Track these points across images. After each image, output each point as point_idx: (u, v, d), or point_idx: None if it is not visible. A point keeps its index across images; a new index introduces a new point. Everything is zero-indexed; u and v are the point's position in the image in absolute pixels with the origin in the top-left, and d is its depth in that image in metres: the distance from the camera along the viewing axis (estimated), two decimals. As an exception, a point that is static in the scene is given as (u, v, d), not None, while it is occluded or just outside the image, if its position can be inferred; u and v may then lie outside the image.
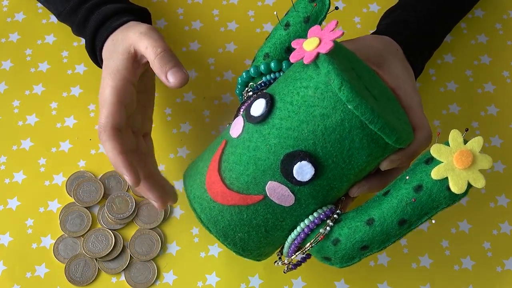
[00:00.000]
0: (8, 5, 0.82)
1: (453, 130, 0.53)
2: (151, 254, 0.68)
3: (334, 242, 0.56)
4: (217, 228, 0.58)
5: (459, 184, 0.52)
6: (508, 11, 0.82)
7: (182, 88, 0.77)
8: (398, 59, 0.65)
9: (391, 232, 0.55)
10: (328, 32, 0.55)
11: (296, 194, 0.56)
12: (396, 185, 0.55)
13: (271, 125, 0.55)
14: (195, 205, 0.58)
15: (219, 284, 0.68)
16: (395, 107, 0.60)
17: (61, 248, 0.69)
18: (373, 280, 0.68)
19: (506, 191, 0.72)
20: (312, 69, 0.54)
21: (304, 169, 0.54)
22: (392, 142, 0.54)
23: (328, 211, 0.57)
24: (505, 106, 0.77)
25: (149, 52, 0.62)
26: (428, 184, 0.53)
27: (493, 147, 0.74)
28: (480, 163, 0.53)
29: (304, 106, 0.54)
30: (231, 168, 0.57)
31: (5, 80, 0.77)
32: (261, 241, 0.59)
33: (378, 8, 0.82)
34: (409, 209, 0.54)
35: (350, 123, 0.53)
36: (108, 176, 0.72)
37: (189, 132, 0.75)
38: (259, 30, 0.81)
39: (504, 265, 0.69)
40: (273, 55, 0.62)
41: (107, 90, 0.62)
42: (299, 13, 0.61)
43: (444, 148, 0.53)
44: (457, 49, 0.80)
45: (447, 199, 0.53)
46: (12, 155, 0.73)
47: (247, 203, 0.56)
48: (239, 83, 0.64)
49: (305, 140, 0.54)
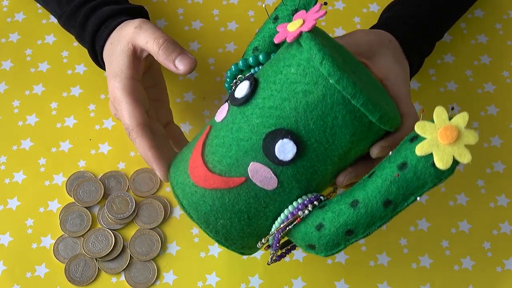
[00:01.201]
0: (8, 5, 0.82)
1: (437, 106, 0.52)
2: (151, 254, 0.68)
3: (318, 227, 0.55)
4: (198, 214, 0.57)
5: (444, 159, 0.50)
6: (508, 11, 0.82)
7: (182, 88, 0.77)
8: (390, 51, 0.64)
9: (376, 214, 0.53)
10: (312, 13, 0.54)
11: (279, 176, 0.55)
12: (381, 165, 0.54)
13: (254, 105, 0.55)
14: (178, 191, 0.58)
15: (219, 284, 0.68)
16: (383, 95, 0.59)
17: (61, 248, 0.69)
18: (373, 280, 0.68)
19: (506, 191, 0.72)
20: (295, 47, 0.54)
21: (286, 147, 0.53)
22: (375, 120, 0.53)
23: (312, 198, 0.56)
24: (505, 106, 0.77)
25: (151, 45, 0.62)
26: (412, 161, 0.51)
27: (493, 147, 0.74)
28: (465, 139, 0.51)
29: (287, 83, 0.54)
30: (214, 151, 0.56)
31: (5, 80, 0.77)
32: (244, 230, 0.57)
33: (378, 8, 0.82)
34: (394, 188, 0.52)
35: (332, 98, 0.52)
36: (108, 176, 0.72)
37: (189, 132, 0.75)
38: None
39: (504, 265, 0.69)
40: (262, 48, 0.62)
41: (118, 92, 0.63)
42: (288, 6, 0.61)
43: (429, 125, 0.51)
44: (457, 49, 0.80)
45: (433, 177, 0.51)
46: (12, 155, 0.73)
47: (229, 186, 0.55)
48: (228, 76, 0.63)
49: (287, 117, 0.53)
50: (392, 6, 0.74)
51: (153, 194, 0.71)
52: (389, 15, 0.72)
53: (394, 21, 0.70)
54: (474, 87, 0.78)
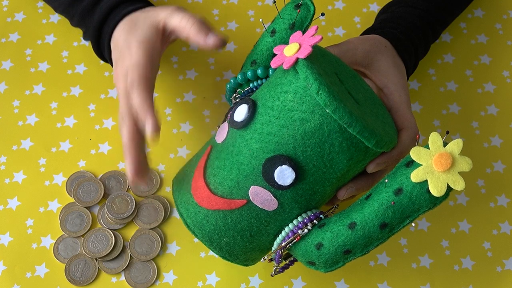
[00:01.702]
0: (8, 5, 0.82)
1: (432, 132, 0.53)
2: (151, 254, 0.68)
3: (318, 246, 0.57)
4: (203, 233, 0.58)
5: (439, 187, 0.52)
6: (508, 11, 0.82)
7: (182, 88, 0.77)
8: (387, 57, 0.65)
9: (373, 235, 0.55)
10: (308, 38, 0.55)
11: (279, 198, 0.56)
12: (377, 188, 0.55)
13: (253, 130, 0.56)
14: (182, 209, 0.59)
15: (219, 284, 0.68)
16: (379, 111, 0.60)
17: (61, 248, 0.69)
18: (373, 280, 0.68)
19: (506, 191, 0.72)
20: (292, 74, 0.55)
21: (285, 173, 0.55)
22: (372, 146, 0.55)
23: (312, 216, 0.58)
24: (505, 106, 0.77)
25: (184, 22, 0.63)
26: (408, 187, 0.53)
27: (493, 147, 0.74)
28: (459, 166, 0.52)
29: (284, 110, 0.55)
30: (215, 173, 0.58)
31: (5, 80, 0.77)
32: (247, 246, 0.59)
33: (378, 8, 0.82)
34: (390, 213, 0.54)
35: (329, 126, 0.54)
36: (108, 176, 0.72)
37: (189, 132, 0.75)
38: (259, 30, 0.81)
39: (504, 265, 0.69)
40: (260, 61, 0.63)
41: (136, 50, 0.62)
42: (285, 20, 0.62)
43: (424, 151, 0.53)
44: (457, 49, 0.80)
45: (428, 202, 0.53)
46: (12, 155, 0.73)
47: (231, 208, 0.57)
48: (228, 90, 0.65)
49: (285, 144, 0.55)
50: (388, 7, 0.74)
51: (153, 194, 0.71)
52: (385, 17, 0.72)
53: (390, 23, 0.70)
54: (474, 87, 0.78)
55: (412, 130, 0.60)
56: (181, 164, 0.73)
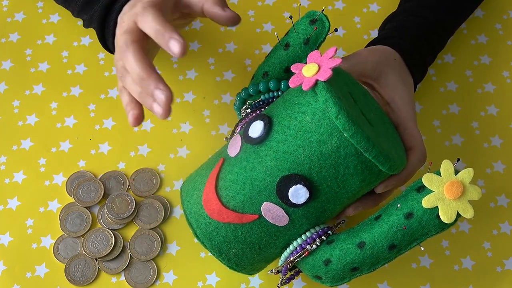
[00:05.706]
0: (8, 5, 0.82)
1: (444, 160, 0.55)
2: (151, 254, 0.68)
3: (326, 262, 0.58)
4: (212, 244, 0.59)
5: (449, 214, 0.54)
6: (508, 11, 0.82)
7: (182, 88, 0.77)
8: (395, 70, 0.65)
9: (381, 255, 0.57)
10: (327, 59, 0.56)
11: (290, 215, 0.57)
12: (388, 210, 0.57)
13: (268, 147, 0.57)
14: (192, 220, 0.59)
15: (219, 284, 0.68)
16: (389, 130, 0.61)
17: (61, 248, 0.69)
18: (373, 280, 0.68)
19: (506, 191, 0.72)
20: (311, 95, 0.56)
21: (299, 192, 0.56)
22: (385, 170, 0.56)
23: (320, 231, 0.59)
24: (505, 106, 0.77)
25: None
26: (418, 212, 0.55)
27: (493, 147, 0.74)
28: (469, 194, 0.55)
29: (301, 131, 0.55)
30: (228, 186, 0.58)
31: (5, 80, 0.77)
32: (255, 258, 0.60)
33: (378, 8, 0.82)
34: (399, 235, 0.56)
35: (345, 150, 0.55)
36: (108, 176, 0.72)
37: (189, 132, 0.75)
38: (259, 30, 0.81)
39: (504, 265, 0.69)
40: (272, 74, 0.64)
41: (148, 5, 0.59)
42: (299, 35, 0.62)
43: (436, 178, 0.55)
44: (457, 49, 0.80)
45: (437, 227, 0.55)
46: (12, 155, 0.73)
47: (242, 222, 0.58)
48: (238, 100, 0.65)
49: (301, 164, 0.55)
50: (394, 16, 0.74)
51: (153, 194, 0.71)
52: (392, 26, 0.72)
53: (398, 33, 0.70)
54: (474, 87, 0.78)
55: (420, 150, 0.62)
56: (181, 164, 0.73)
